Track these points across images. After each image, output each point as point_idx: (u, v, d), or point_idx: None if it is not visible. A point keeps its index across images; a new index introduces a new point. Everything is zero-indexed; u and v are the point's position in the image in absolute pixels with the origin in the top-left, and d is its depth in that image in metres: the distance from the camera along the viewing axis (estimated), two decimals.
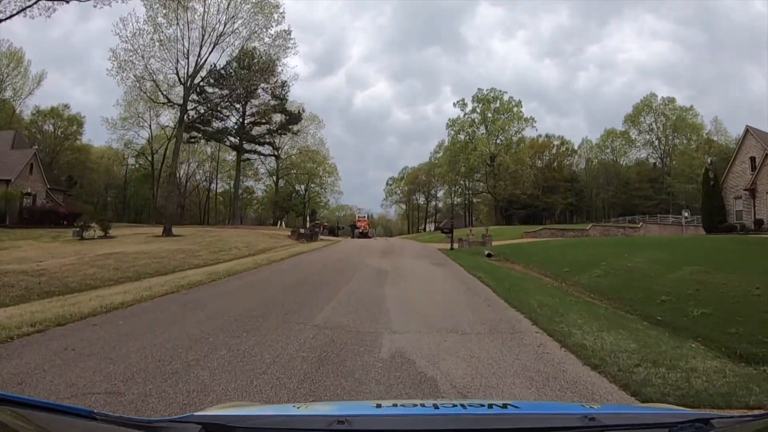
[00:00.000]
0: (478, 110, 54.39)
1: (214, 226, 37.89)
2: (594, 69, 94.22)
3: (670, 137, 57.82)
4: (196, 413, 1.09)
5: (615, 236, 30.44)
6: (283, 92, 40.30)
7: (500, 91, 55.36)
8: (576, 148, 66.62)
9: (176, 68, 25.60)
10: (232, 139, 42.63)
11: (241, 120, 41.70)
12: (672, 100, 58.77)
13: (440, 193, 75.06)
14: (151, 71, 25.30)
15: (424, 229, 74.45)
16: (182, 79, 25.96)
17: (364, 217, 45.15)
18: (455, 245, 22.93)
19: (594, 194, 63.83)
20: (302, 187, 66.86)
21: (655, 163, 60.47)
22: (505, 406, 1.19)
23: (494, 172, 52.49)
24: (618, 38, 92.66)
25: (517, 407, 1.20)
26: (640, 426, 1.10)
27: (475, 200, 70.08)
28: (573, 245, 18.30)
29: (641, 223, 34.87)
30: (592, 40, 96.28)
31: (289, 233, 27.03)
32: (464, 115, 55.76)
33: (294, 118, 43.70)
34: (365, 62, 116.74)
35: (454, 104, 56.52)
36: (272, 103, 41.52)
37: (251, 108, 41.39)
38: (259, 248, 18.46)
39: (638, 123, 56.71)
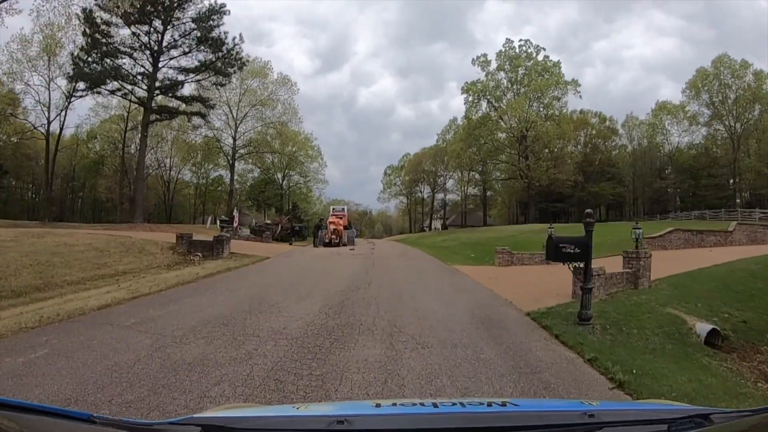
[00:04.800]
0: (507, 67, 40.18)
1: (95, 226, 25.09)
2: (600, 65, 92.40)
3: (748, 110, 44.65)
4: (195, 415, 1.06)
5: None
6: (216, 22, 26.31)
7: (536, 45, 41.63)
8: (618, 126, 53.78)
9: None
10: (132, 88, 27.13)
11: (152, 63, 26.84)
12: (746, 65, 45.55)
13: (449, 183, 61.76)
14: None
15: (429, 227, 61.29)
16: None
17: (342, 210, 28.84)
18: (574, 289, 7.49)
19: (644, 183, 50.67)
20: (279, 176, 54.76)
21: (707, 146, 47.43)
22: (504, 404, 1.14)
23: (531, 148, 38.55)
24: (625, 34, 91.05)
25: (516, 405, 1.15)
26: (639, 422, 1.06)
27: (488, 192, 56.86)
28: None
29: None
30: (598, 36, 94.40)
31: (174, 242, 13.42)
32: (487, 76, 41.71)
33: (229, 59, 27.71)
34: (370, 58, 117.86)
35: (473, 61, 41.87)
36: (196, 34, 26.69)
37: (170, 43, 26.92)
38: None
39: (710, 90, 43.43)
